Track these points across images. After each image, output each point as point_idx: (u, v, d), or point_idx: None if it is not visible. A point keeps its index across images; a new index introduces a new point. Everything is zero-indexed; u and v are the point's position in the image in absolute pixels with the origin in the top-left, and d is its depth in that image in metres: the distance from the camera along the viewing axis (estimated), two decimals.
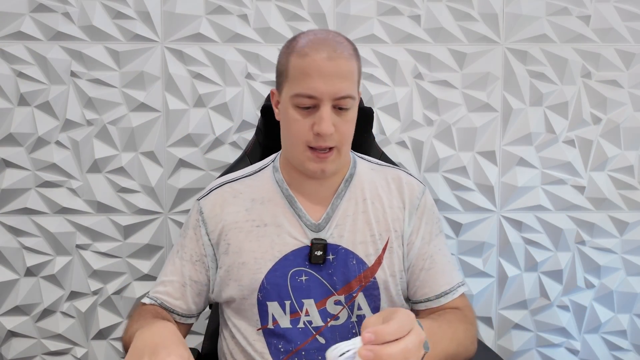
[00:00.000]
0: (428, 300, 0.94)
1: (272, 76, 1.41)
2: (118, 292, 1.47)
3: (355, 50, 0.89)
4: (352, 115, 0.89)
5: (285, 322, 0.92)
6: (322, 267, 0.91)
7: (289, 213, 0.93)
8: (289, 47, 0.89)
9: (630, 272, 1.53)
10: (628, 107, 1.49)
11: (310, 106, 0.85)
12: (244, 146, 1.44)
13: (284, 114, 0.89)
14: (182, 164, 1.45)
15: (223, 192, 0.96)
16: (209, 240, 0.94)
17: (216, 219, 0.94)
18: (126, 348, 0.85)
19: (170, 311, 0.94)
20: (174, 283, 0.94)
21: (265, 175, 0.98)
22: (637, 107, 1.49)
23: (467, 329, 0.89)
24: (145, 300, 0.95)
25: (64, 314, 1.46)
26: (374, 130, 1.32)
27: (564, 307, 1.53)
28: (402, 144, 1.48)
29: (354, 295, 0.92)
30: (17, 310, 1.45)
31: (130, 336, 0.80)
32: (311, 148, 0.87)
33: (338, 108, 0.86)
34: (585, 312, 1.53)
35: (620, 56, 1.47)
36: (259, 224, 0.93)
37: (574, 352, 1.54)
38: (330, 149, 0.87)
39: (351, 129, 0.89)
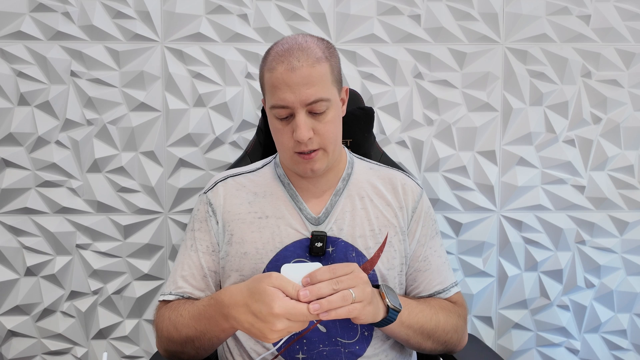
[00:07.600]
0: (421, 297, 0.98)
1: None
2: (118, 292, 1.47)
3: (327, 50, 0.90)
4: (332, 115, 0.90)
5: None
6: (322, 259, 0.94)
7: (290, 206, 0.97)
8: (263, 62, 0.92)
9: (630, 272, 1.53)
10: (628, 107, 1.49)
11: (287, 115, 0.89)
12: (244, 146, 1.44)
13: (270, 123, 0.94)
14: (182, 163, 1.45)
15: (227, 184, 1.00)
16: (218, 229, 0.97)
17: (221, 209, 0.97)
18: (175, 341, 0.89)
19: None
20: (195, 276, 0.96)
21: (268, 171, 1.02)
22: (637, 106, 1.49)
23: (449, 316, 0.94)
24: (168, 298, 0.95)
25: (64, 313, 1.47)
26: (374, 130, 1.32)
27: (564, 307, 1.53)
28: (402, 143, 1.48)
29: None
30: (17, 309, 1.45)
31: (174, 327, 0.88)
32: (297, 152, 0.91)
33: (313, 113, 0.88)
34: (585, 311, 1.53)
35: (621, 56, 1.47)
36: (261, 216, 0.96)
37: (574, 351, 1.55)
38: (315, 150, 0.90)
39: (333, 128, 0.91)
